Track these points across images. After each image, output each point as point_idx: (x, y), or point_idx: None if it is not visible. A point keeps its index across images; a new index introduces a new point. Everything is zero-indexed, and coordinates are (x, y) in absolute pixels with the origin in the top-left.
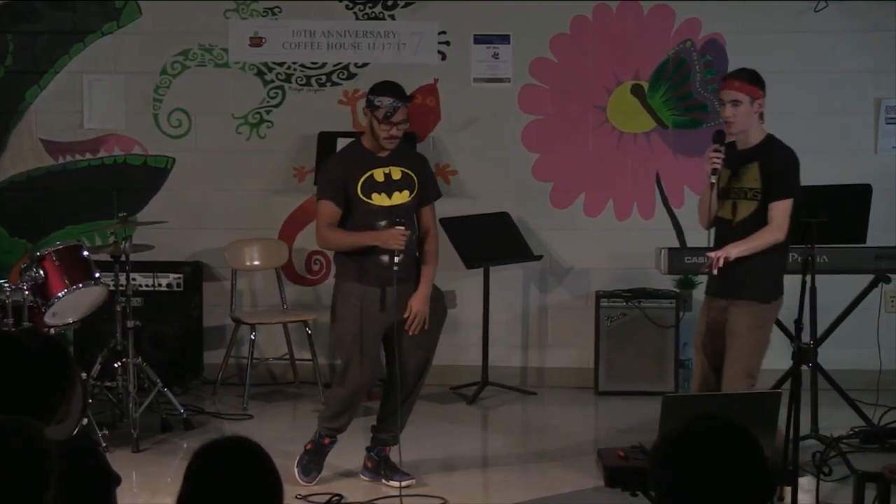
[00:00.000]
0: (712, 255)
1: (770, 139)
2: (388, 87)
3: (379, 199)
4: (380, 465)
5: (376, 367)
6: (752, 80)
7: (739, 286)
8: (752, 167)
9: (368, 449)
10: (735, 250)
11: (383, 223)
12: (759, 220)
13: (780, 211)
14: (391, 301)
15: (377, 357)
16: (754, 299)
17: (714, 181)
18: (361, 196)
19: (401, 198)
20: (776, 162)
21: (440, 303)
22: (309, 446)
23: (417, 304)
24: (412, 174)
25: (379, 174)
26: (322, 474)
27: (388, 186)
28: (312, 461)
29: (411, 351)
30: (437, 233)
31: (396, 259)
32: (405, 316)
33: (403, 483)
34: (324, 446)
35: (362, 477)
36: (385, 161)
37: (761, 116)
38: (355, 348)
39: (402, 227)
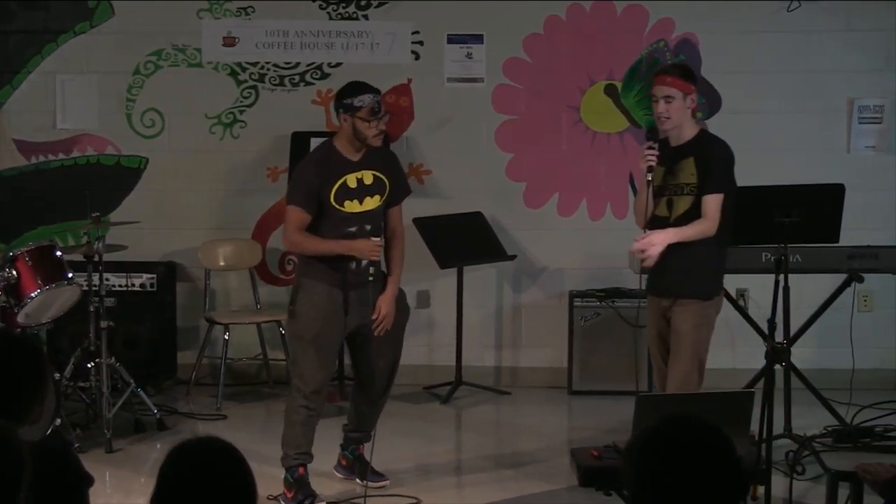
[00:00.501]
0: (636, 245)
1: (704, 134)
2: (361, 86)
3: (351, 206)
4: (354, 464)
5: (330, 370)
6: (685, 75)
7: (681, 284)
8: (687, 162)
9: (342, 447)
10: (661, 236)
11: (353, 229)
12: (696, 215)
13: (713, 205)
14: (354, 305)
15: (333, 360)
16: (696, 297)
17: (650, 179)
18: (334, 204)
19: (372, 203)
20: (712, 156)
21: (403, 303)
22: (290, 494)
23: (386, 305)
24: (384, 177)
25: (352, 180)
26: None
27: (361, 192)
28: (302, 494)
29: (381, 352)
30: (403, 233)
31: (372, 270)
32: (374, 317)
33: (378, 484)
34: (303, 477)
35: (336, 473)
36: (358, 165)
37: (693, 112)
38: (311, 348)
39: (378, 239)
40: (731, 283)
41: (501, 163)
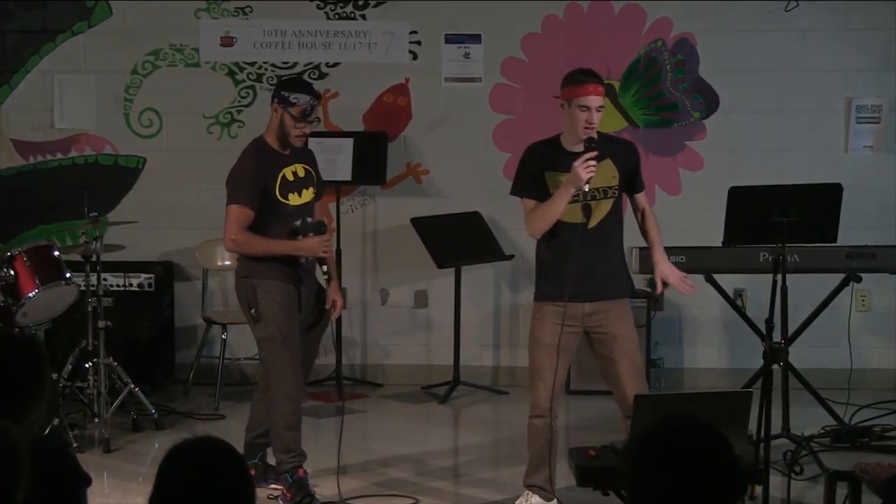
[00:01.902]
0: (668, 282)
1: (606, 135)
2: (302, 84)
3: (294, 199)
4: (266, 470)
5: (302, 368)
6: (602, 79)
7: (612, 286)
8: (604, 165)
9: (249, 456)
10: (664, 258)
11: (298, 223)
12: (616, 218)
13: (645, 199)
14: (305, 301)
15: (301, 358)
16: (628, 295)
17: (587, 188)
18: (279, 197)
19: (308, 195)
20: (631, 155)
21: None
22: (290, 495)
23: (338, 296)
24: (311, 170)
25: (289, 173)
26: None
27: (298, 185)
28: (302, 495)
29: (312, 349)
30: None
31: (325, 268)
32: (327, 307)
33: (272, 485)
34: (303, 478)
35: None
36: (290, 159)
37: None
38: (286, 349)
39: (327, 235)
40: (729, 282)
41: (499, 162)
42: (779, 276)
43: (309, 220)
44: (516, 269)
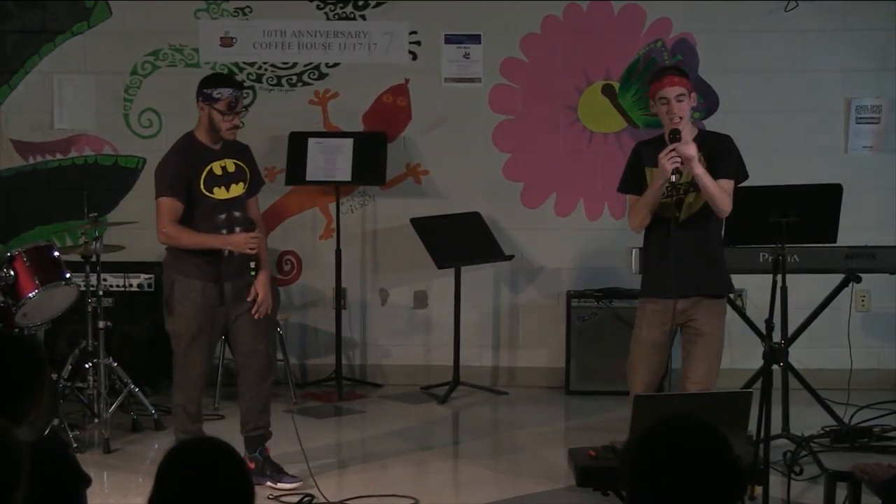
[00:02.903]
0: (675, 154)
1: (705, 130)
2: (224, 79)
3: (220, 193)
4: (264, 466)
5: (210, 362)
6: (685, 74)
7: (704, 283)
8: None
9: (249, 451)
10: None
11: (223, 216)
12: (709, 212)
13: (728, 186)
14: (230, 296)
15: (212, 352)
16: (724, 294)
17: (674, 180)
18: (204, 191)
19: (237, 189)
20: (721, 149)
21: (274, 287)
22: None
23: (263, 289)
24: (244, 166)
25: (217, 167)
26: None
27: (227, 179)
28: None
29: (259, 337)
30: (262, 221)
31: (252, 265)
32: (249, 300)
33: (290, 486)
34: None
35: None
36: (220, 154)
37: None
38: (194, 344)
39: (254, 233)
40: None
41: (499, 163)
42: (779, 277)
43: (237, 213)
44: (516, 269)
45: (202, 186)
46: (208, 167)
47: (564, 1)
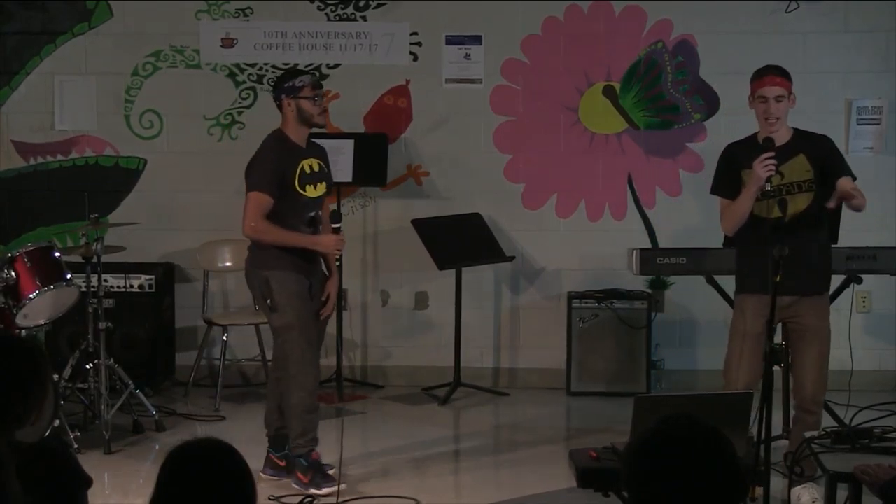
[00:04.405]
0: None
1: (801, 131)
2: (296, 70)
3: (311, 191)
4: (294, 465)
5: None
6: (786, 74)
7: (808, 282)
8: (798, 160)
9: (274, 449)
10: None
11: (312, 214)
12: (818, 209)
13: (854, 183)
14: (315, 292)
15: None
16: (825, 291)
17: (769, 188)
18: (298, 188)
19: (322, 189)
20: (827, 148)
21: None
22: (306, 478)
23: (335, 289)
24: (324, 166)
25: (307, 165)
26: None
27: (315, 178)
28: (319, 476)
29: (321, 339)
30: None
31: (338, 265)
32: (322, 299)
33: (326, 490)
34: (316, 461)
35: (263, 476)
36: (306, 153)
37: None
38: (303, 336)
39: (342, 236)
40: (730, 284)
41: (500, 164)
42: (779, 278)
43: (321, 213)
44: (517, 270)
45: (297, 184)
46: (300, 165)
47: (565, 2)
